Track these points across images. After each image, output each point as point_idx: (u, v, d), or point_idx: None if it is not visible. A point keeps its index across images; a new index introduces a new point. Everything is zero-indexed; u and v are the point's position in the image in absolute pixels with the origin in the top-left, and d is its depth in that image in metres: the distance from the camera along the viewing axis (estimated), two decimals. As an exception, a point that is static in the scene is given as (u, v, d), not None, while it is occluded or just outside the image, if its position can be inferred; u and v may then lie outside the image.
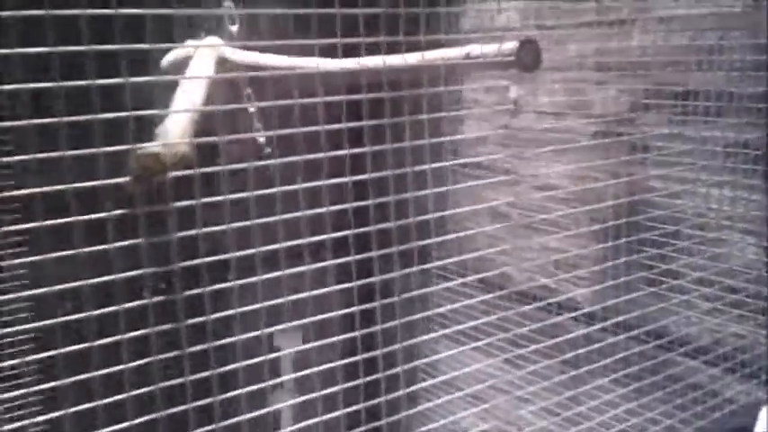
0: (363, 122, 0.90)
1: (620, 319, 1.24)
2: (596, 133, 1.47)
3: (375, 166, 0.92)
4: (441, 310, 1.14)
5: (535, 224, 1.42)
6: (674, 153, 1.28)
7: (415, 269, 0.98)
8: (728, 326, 1.28)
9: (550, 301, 1.36)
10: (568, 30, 1.47)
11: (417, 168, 0.96)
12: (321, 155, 0.86)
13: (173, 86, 0.79)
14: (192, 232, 0.76)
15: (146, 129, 0.72)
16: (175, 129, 0.70)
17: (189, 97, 0.74)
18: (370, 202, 0.92)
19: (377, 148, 0.92)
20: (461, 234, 1.10)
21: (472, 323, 1.15)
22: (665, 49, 1.29)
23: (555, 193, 1.38)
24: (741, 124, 1.17)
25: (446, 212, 1.08)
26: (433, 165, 0.98)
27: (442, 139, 1.28)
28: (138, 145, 0.67)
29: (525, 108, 1.55)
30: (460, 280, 1.24)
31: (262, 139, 0.89)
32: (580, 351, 1.26)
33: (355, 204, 0.92)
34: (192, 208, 0.74)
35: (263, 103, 0.86)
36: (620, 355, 1.23)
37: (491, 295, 1.21)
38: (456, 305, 1.13)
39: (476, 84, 1.64)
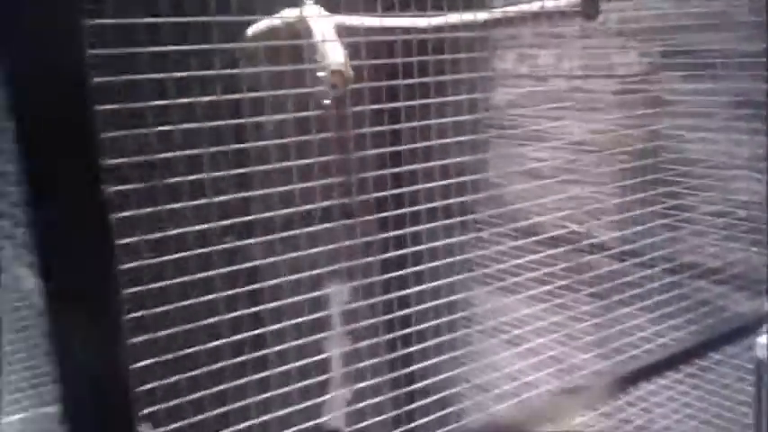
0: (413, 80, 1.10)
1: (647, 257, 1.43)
2: (618, 92, 1.65)
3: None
4: (467, 255, 1.34)
5: (565, 178, 1.60)
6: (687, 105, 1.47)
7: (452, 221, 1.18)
8: (736, 250, 1.47)
9: (584, 242, 1.55)
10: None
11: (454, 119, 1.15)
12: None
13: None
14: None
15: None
16: (342, 58, 0.96)
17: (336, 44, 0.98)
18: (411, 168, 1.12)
19: (412, 102, 1.12)
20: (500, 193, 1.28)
21: (523, 276, 1.35)
22: (675, 16, 1.46)
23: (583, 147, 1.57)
24: (744, 77, 1.35)
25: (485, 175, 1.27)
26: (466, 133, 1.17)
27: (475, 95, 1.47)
28: (329, 62, 0.91)
29: (554, 72, 1.72)
30: (492, 230, 1.43)
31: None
32: (607, 285, 1.46)
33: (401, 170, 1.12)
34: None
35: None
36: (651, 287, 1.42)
37: (530, 240, 1.41)
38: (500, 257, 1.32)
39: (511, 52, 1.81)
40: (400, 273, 1.21)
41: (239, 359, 0.98)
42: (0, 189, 0.81)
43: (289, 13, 1.05)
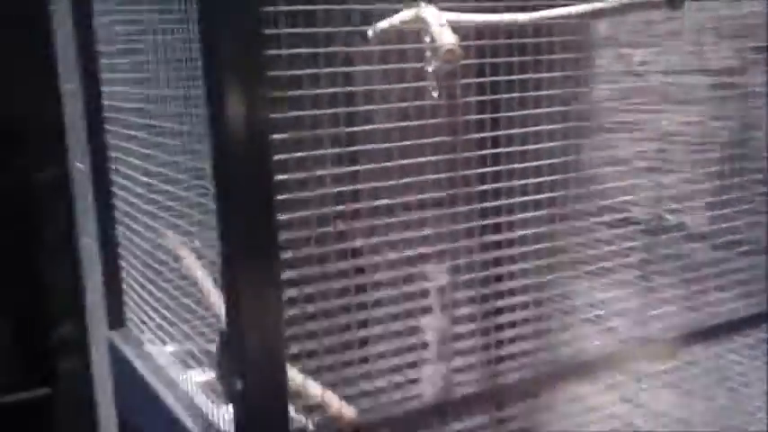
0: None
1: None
2: (712, 86, 1.73)
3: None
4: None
5: (655, 167, 1.70)
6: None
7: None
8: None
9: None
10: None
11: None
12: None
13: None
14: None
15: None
16: (454, 39, 1.12)
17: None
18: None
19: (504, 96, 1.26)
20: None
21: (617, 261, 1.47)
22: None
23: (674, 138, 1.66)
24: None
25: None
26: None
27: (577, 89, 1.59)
28: (442, 42, 1.07)
29: (649, 68, 1.82)
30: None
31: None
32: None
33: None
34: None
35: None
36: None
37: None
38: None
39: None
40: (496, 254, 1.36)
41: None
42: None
43: (407, 14, 1.22)
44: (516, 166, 1.36)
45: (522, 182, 1.37)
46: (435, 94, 1.29)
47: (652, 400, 1.62)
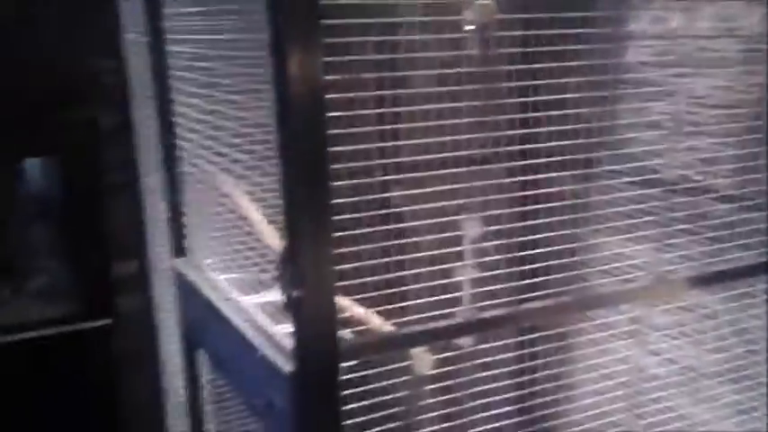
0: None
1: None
2: (741, 51, 1.79)
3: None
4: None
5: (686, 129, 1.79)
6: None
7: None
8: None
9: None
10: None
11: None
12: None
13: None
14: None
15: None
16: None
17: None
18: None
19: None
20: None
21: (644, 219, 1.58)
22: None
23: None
24: None
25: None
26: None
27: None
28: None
29: (683, 33, 1.89)
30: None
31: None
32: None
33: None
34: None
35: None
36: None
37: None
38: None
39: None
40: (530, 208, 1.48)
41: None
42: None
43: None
44: (552, 128, 1.47)
45: (556, 143, 1.47)
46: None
47: (666, 348, 1.75)
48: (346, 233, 1.11)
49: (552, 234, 1.50)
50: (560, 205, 1.56)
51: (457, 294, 1.33)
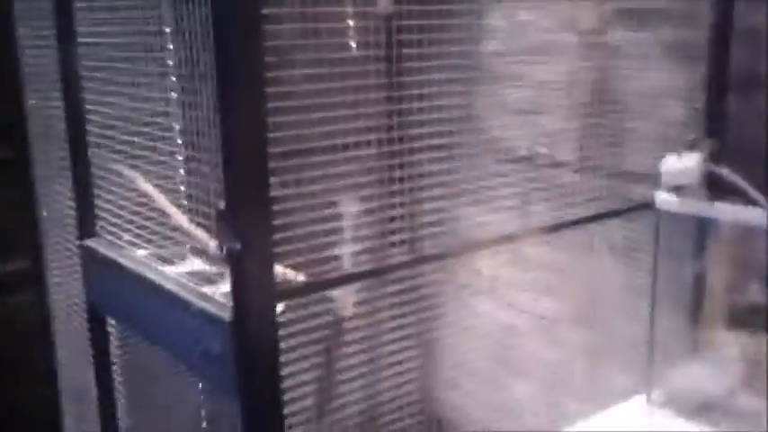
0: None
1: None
2: (579, 42, 2.09)
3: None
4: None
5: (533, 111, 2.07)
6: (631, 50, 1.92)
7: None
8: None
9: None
10: None
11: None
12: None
13: None
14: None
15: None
16: None
17: None
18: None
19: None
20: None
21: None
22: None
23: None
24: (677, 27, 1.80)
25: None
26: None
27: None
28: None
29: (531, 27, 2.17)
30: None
31: None
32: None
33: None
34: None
35: None
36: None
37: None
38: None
39: None
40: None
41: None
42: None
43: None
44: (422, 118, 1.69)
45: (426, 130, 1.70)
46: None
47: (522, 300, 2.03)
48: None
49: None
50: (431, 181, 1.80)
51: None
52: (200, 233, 1.52)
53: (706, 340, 1.67)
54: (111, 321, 1.75)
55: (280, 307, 1.18)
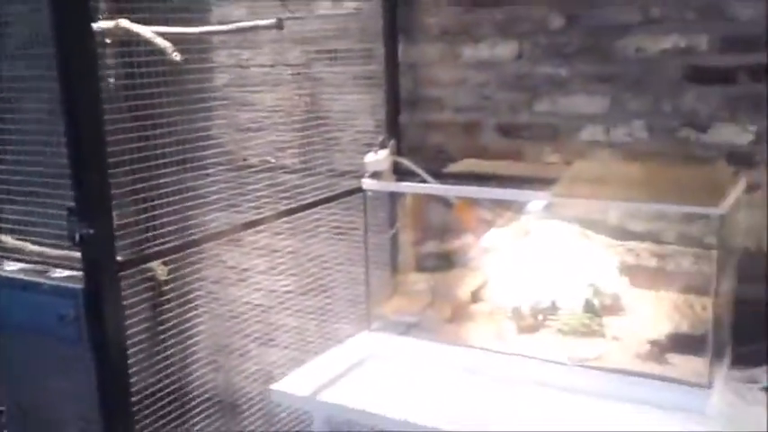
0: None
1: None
2: (292, 74, 2.73)
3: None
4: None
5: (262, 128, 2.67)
6: (328, 80, 2.61)
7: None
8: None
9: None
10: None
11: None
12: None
13: None
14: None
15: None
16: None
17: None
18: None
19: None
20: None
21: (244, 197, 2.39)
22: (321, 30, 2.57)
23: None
24: (360, 62, 2.51)
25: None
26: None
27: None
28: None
29: (253, 63, 2.76)
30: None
31: None
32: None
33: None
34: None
35: None
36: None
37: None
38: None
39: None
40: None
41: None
42: None
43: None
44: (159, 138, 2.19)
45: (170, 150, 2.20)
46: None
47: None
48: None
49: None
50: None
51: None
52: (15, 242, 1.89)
53: (403, 282, 2.38)
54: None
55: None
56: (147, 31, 1.98)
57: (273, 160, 2.73)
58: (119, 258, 1.62)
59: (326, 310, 2.75)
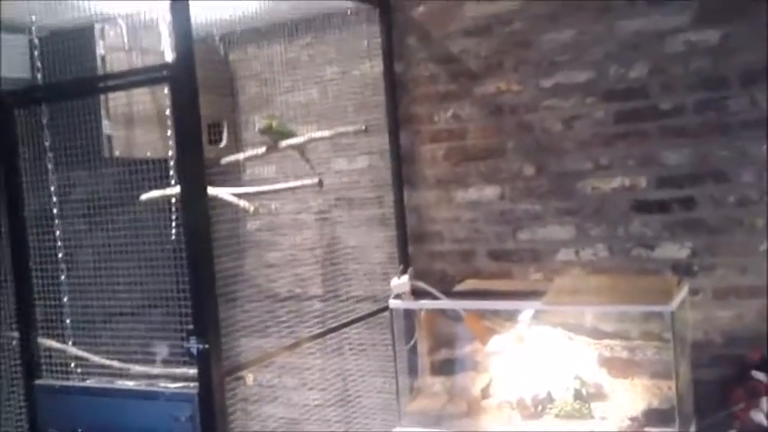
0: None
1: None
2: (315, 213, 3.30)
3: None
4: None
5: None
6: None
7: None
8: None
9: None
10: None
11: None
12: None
13: None
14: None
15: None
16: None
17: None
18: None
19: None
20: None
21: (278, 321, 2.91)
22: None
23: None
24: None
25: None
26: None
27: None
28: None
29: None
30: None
31: None
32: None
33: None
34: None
35: None
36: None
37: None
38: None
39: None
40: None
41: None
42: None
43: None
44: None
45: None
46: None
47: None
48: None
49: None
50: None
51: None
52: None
53: (422, 384, 2.86)
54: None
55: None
56: (226, 194, 2.54)
57: (300, 290, 3.24)
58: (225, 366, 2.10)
59: (362, 413, 3.20)
